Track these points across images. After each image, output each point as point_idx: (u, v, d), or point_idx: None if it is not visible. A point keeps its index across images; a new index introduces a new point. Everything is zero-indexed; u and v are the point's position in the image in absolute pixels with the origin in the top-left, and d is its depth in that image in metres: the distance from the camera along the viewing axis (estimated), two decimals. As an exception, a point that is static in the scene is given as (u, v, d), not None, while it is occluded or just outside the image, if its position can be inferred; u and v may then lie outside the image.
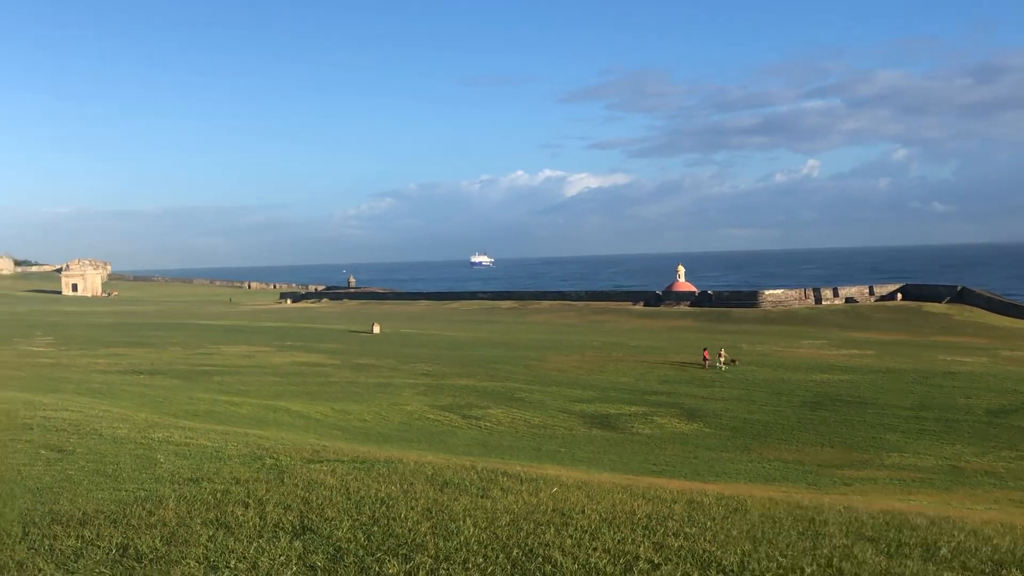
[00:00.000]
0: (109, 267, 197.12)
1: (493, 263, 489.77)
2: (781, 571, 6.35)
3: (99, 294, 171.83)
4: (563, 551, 6.60)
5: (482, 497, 8.41)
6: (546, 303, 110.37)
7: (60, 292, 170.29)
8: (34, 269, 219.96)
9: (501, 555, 6.52)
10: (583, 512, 7.88)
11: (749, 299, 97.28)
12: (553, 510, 7.92)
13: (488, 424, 34.69)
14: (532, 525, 7.34)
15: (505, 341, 67.17)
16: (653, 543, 6.93)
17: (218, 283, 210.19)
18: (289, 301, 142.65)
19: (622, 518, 7.72)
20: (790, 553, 6.83)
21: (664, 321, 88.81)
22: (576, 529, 7.25)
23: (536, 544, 6.78)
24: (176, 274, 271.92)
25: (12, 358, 47.72)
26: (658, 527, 7.47)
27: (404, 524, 7.31)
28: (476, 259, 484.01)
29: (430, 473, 9.68)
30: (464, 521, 7.41)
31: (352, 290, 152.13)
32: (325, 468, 9.67)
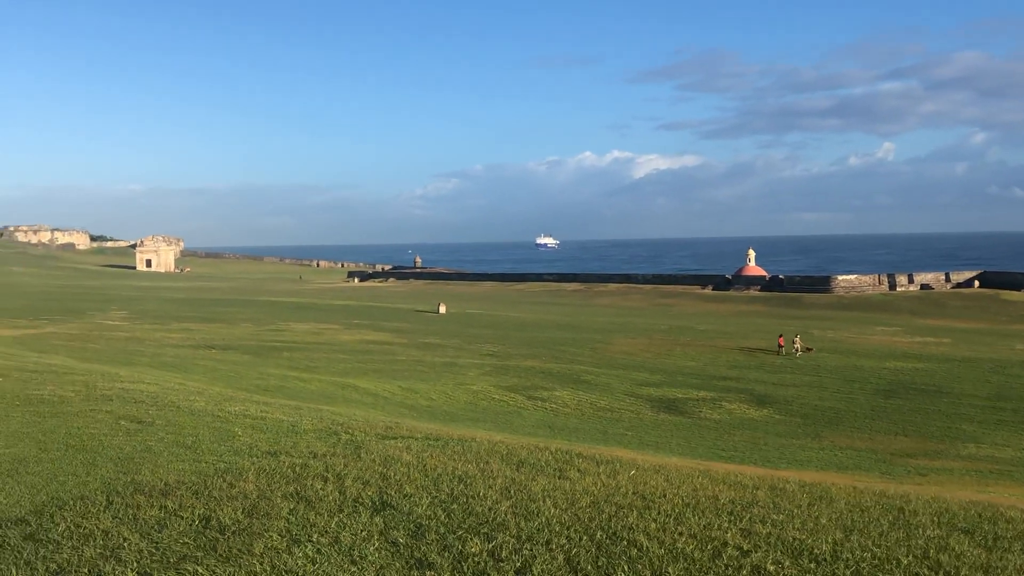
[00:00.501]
0: (182, 244, 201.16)
1: (558, 245, 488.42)
2: (876, 562, 6.11)
3: (172, 270, 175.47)
4: (648, 535, 6.44)
5: (559, 478, 8.27)
6: (612, 286, 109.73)
7: (134, 267, 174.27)
8: (109, 245, 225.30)
9: (584, 537, 6.38)
10: (664, 496, 7.70)
11: (821, 284, 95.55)
12: (633, 493, 7.74)
13: (554, 406, 34.58)
14: (613, 508, 7.18)
15: (570, 323, 66.95)
16: (740, 529, 6.73)
17: (287, 261, 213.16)
18: (357, 280, 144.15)
19: (705, 503, 7.52)
20: (883, 543, 6.58)
21: (733, 306, 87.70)
22: (659, 513, 7.08)
23: (619, 527, 6.62)
24: (246, 252, 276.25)
25: (88, 331, 48.93)
26: (743, 513, 7.26)
27: (483, 503, 7.21)
28: (541, 241, 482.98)
29: (504, 452, 9.57)
30: (544, 502, 7.28)
31: (418, 270, 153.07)
32: (400, 444, 9.62)
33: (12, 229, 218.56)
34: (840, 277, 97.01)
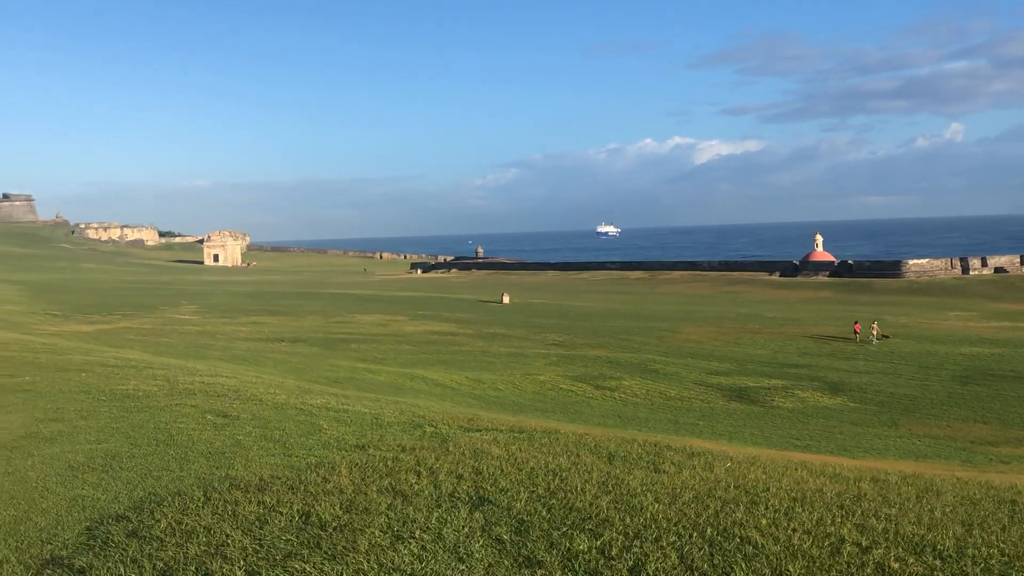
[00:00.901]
0: (248, 238, 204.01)
1: (619, 233, 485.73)
2: (1005, 559, 5.82)
3: (239, 264, 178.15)
4: (760, 531, 6.22)
5: (655, 471, 8.07)
6: (676, 273, 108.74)
7: (202, 262, 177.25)
8: (177, 240, 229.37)
9: (695, 534, 6.18)
10: (768, 490, 7.46)
11: (891, 269, 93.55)
12: (736, 487, 7.51)
13: (623, 395, 34.31)
14: (719, 503, 6.96)
15: (635, 312, 66.46)
16: (855, 524, 6.48)
17: (351, 254, 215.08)
18: (419, 271, 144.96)
19: (813, 497, 7.27)
20: (1008, 539, 6.28)
21: (802, 292, 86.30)
22: (768, 508, 6.85)
23: (729, 523, 6.41)
24: (310, 245, 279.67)
25: (161, 325, 49.81)
26: (854, 507, 6.99)
27: (583, 498, 7.04)
28: (602, 229, 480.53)
29: (593, 445, 9.38)
30: (645, 496, 7.09)
31: (480, 260, 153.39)
32: (486, 437, 9.49)
33: (83, 226, 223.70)
34: (911, 261, 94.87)
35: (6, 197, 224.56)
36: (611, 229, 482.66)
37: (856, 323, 50.72)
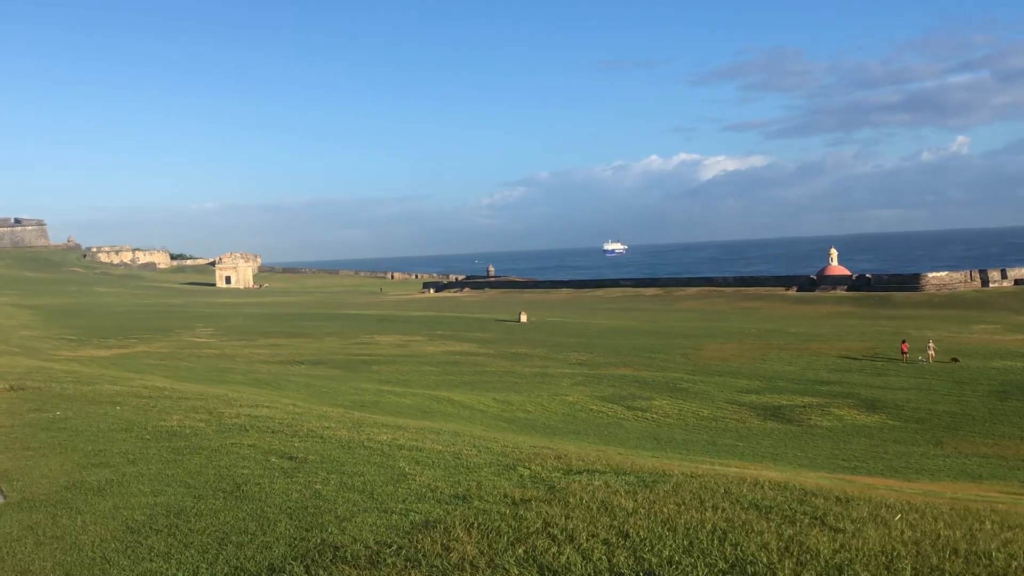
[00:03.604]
0: (259, 259, 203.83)
1: (626, 250, 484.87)
2: None
3: (251, 286, 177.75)
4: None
5: (828, 528, 6.83)
6: (692, 289, 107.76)
7: (214, 284, 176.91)
8: (188, 262, 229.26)
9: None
10: (990, 553, 6.32)
11: (910, 282, 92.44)
12: (951, 550, 6.34)
13: (655, 416, 33.51)
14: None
15: (655, 329, 65.62)
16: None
17: (362, 274, 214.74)
18: (432, 291, 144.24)
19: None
20: None
21: (821, 307, 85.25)
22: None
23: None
24: (321, 265, 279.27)
25: (178, 349, 49.16)
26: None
27: (773, 572, 6.04)
28: (609, 246, 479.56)
29: (722, 491, 8.19)
30: (854, 570, 6.05)
31: (492, 279, 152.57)
32: (597, 483, 8.16)
33: (95, 250, 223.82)
34: (930, 275, 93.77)
35: (18, 222, 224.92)
36: (618, 246, 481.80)
37: (904, 342, 48.35)
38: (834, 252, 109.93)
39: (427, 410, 30.48)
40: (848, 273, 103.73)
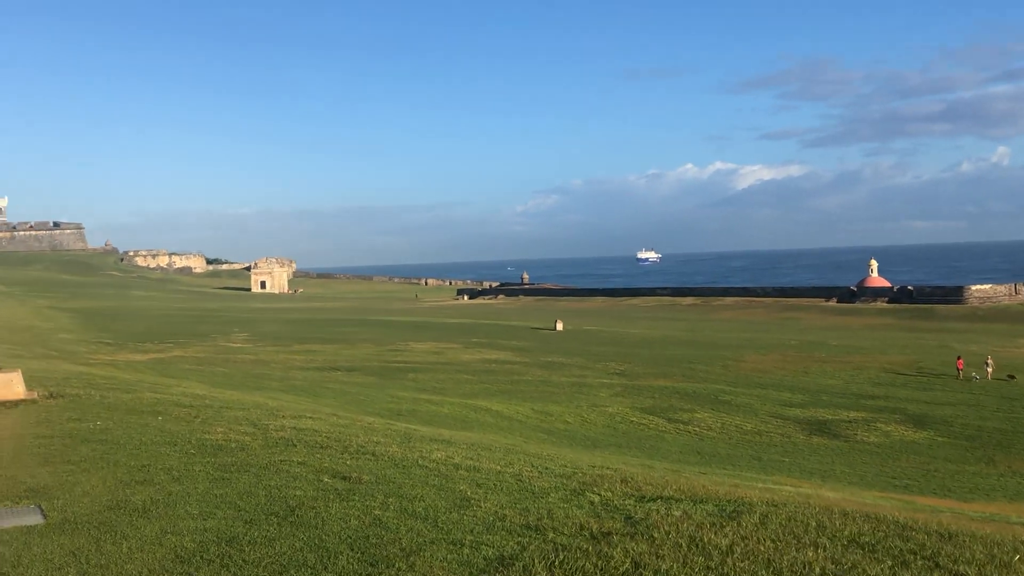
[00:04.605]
0: (294, 265, 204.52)
1: (660, 258, 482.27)
2: None
3: (286, 291, 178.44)
4: None
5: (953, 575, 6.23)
6: (730, 299, 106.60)
7: (249, 289, 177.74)
8: (224, 267, 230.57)
9: None
10: None
11: (953, 295, 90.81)
12: None
13: (697, 429, 32.85)
14: None
15: (693, 339, 64.81)
16: None
17: (396, 280, 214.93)
18: (466, 297, 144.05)
19: None
20: None
21: (862, 319, 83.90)
22: None
23: None
24: (355, 271, 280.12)
25: (214, 354, 49.10)
26: None
27: None
28: (642, 255, 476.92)
29: (814, 523, 7.46)
30: None
31: (527, 286, 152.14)
32: (676, 513, 7.39)
33: (132, 254, 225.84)
34: (973, 287, 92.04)
35: (56, 225, 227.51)
36: (652, 255, 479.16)
37: (960, 358, 46.57)
38: (874, 263, 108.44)
39: (465, 420, 30.04)
40: (889, 284, 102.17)
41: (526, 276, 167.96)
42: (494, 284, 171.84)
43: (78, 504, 8.18)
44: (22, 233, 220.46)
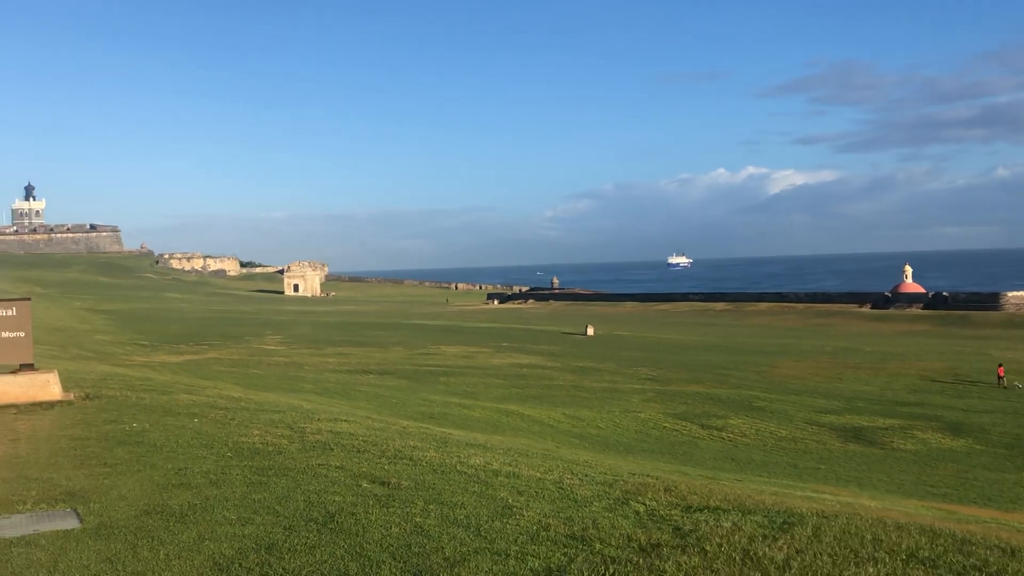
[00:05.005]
0: (326, 268, 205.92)
1: (691, 263, 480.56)
2: None
3: (318, 294, 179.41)
4: None
5: None
6: (763, 305, 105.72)
7: (282, 292, 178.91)
8: (258, 270, 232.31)
9: None
10: None
11: (989, 301, 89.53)
12: None
13: (731, 435, 32.57)
14: None
15: (726, 345, 64.37)
16: None
17: (427, 284, 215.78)
18: (496, 302, 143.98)
19: None
20: None
21: (897, 325, 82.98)
22: None
23: None
24: (387, 275, 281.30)
25: (248, 356, 49.38)
26: None
27: None
28: (673, 260, 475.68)
29: (870, 536, 7.22)
30: None
31: (557, 291, 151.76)
32: (726, 525, 7.50)
33: (167, 256, 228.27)
34: (1010, 294, 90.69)
35: (93, 228, 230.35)
36: (683, 260, 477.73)
37: (1000, 366, 45.48)
38: (908, 269, 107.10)
39: (497, 424, 29.96)
40: (923, 291, 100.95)
41: (556, 281, 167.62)
42: (524, 288, 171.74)
43: (114, 508, 8.11)
44: (59, 235, 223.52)
